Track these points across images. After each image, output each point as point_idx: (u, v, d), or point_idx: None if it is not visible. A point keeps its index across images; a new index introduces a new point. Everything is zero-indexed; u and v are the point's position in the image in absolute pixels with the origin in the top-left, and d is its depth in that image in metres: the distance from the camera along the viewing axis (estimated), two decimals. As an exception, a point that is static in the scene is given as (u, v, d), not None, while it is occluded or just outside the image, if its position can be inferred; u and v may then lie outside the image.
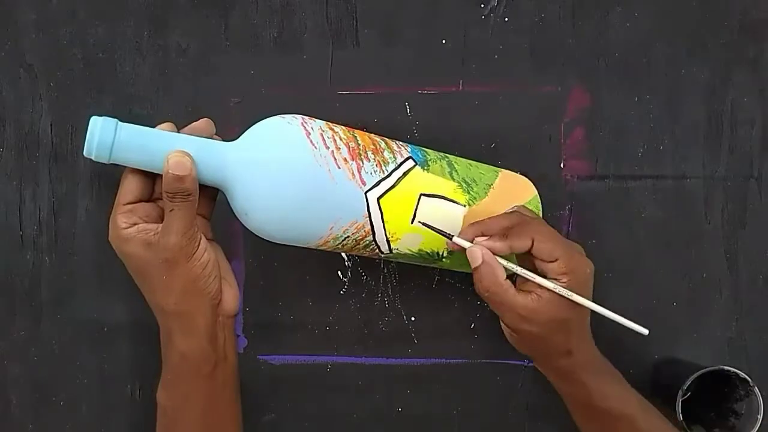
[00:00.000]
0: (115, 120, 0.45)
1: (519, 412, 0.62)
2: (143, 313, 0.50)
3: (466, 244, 0.50)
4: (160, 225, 0.46)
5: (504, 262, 0.49)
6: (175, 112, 0.61)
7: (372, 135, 0.52)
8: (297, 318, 0.61)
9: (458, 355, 0.62)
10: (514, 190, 0.57)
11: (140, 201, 0.47)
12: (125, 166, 0.47)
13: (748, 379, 0.53)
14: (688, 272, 0.61)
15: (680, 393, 0.53)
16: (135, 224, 0.46)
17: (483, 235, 0.50)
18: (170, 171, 0.44)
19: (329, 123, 0.51)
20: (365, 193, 0.49)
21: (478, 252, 0.49)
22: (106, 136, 0.44)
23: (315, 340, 0.61)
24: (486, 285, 0.49)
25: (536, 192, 0.58)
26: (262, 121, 0.49)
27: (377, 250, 0.52)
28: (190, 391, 0.50)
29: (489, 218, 0.51)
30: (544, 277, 0.49)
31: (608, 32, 0.61)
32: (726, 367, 0.54)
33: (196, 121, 0.49)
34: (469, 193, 0.54)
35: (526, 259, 0.50)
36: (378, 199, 0.50)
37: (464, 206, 0.53)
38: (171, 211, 0.45)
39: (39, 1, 0.61)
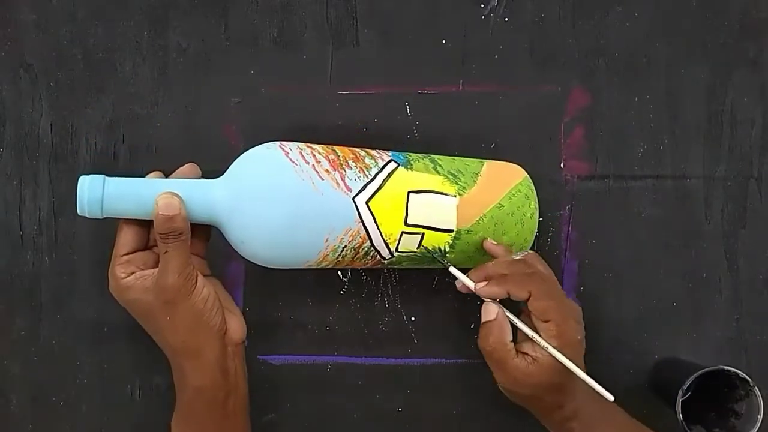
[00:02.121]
0: (102, 176, 0.47)
1: (519, 412, 0.62)
2: (143, 313, 0.50)
3: (471, 284, 0.51)
4: (156, 270, 0.48)
5: (516, 320, 0.51)
6: (175, 112, 0.61)
7: (351, 147, 0.53)
8: (297, 318, 0.61)
9: (458, 355, 0.62)
10: (502, 175, 0.57)
11: (136, 251, 0.49)
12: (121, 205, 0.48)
13: (749, 379, 0.53)
14: (688, 272, 0.61)
15: (680, 393, 0.53)
16: (132, 273, 0.48)
17: (485, 279, 0.51)
18: (160, 212, 0.46)
19: (307, 143, 0.52)
20: (353, 199, 0.50)
21: (494, 309, 0.51)
22: (95, 193, 0.46)
23: (315, 340, 0.61)
24: (492, 343, 0.50)
25: (526, 174, 0.57)
26: (242, 155, 0.51)
27: (379, 257, 0.53)
28: (204, 420, 0.51)
29: (494, 263, 0.52)
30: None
31: (608, 32, 0.61)
32: (726, 367, 0.54)
33: (181, 166, 0.51)
34: (457, 183, 0.54)
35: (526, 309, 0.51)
36: (367, 203, 0.50)
37: (455, 196, 0.53)
38: (165, 252, 0.47)
39: (39, 1, 0.61)
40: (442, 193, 0.53)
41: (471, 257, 0.55)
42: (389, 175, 0.52)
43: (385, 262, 0.53)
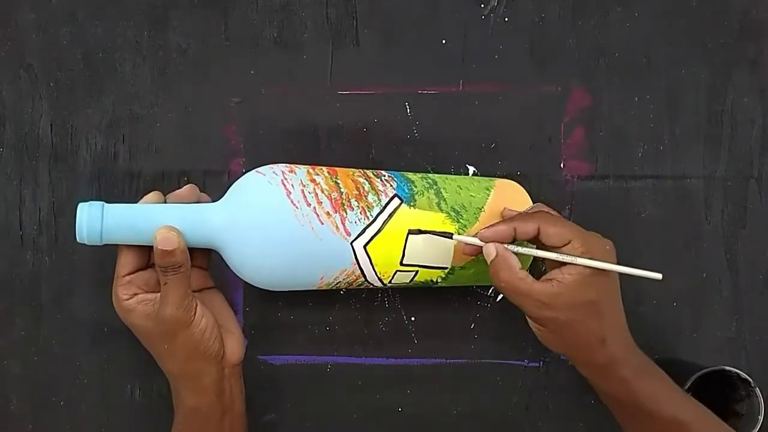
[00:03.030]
0: (101, 204, 0.47)
1: (519, 412, 0.62)
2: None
3: (472, 240, 0.50)
4: (158, 294, 0.49)
5: (520, 249, 0.49)
6: (175, 112, 0.61)
7: (356, 175, 0.52)
8: (297, 318, 0.61)
9: (458, 355, 0.62)
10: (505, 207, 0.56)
11: (138, 270, 0.49)
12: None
13: (749, 379, 0.53)
14: (688, 272, 0.61)
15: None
16: (135, 294, 0.49)
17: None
18: (158, 246, 0.46)
19: (310, 171, 0.51)
20: (351, 243, 0.50)
21: (491, 247, 0.49)
22: (94, 221, 0.46)
23: (315, 340, 0.61)
24: (502, 276, 0.48)
25: (530, 202, 0.57)
26: (244, 176, 0.50)
27: (372, 285, 0.53)
28: None
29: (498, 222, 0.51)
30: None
31: (608, 32, 0.61)
32: (727, 368, 0.54)
33: (180, 189, 0.51)
34: (458, 221, 0.53)
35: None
36: (365, 247, 0.50)
37: (453, 236, 0.52)
38: (165, 284, 0.47)
39: (39, 1, 0.61)
40: (441, 234, 0.52)
41: (463, 283, 0.56)
42: (390, 215, 0.51)
43: (376, 287, 0.54)
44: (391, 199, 0.52)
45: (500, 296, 0.62)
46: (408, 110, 0.61)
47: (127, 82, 0.61)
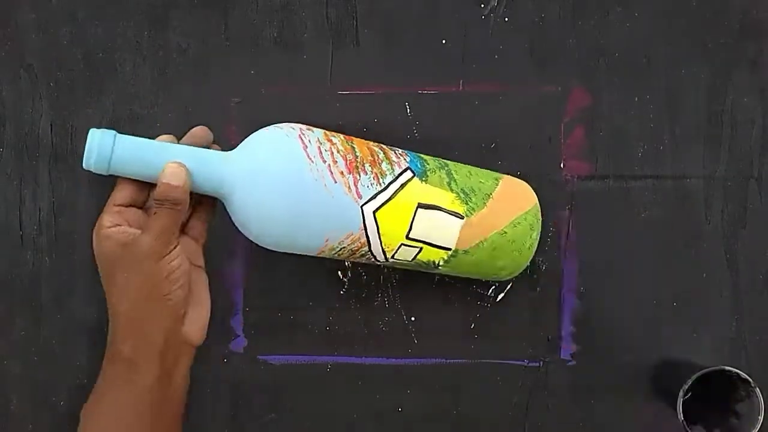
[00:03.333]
0: (114, 132, 0.46)
1: (519, 412, 0.62)
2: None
3: None
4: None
5: None
6: (175, 112, 0.61)
7: (371, 144, 0.52)
8: (297, 318, 0.61)
9: (458, 355, 0.62)
10: (513, 200, 0.56)
11: (131, 206, 0.48)
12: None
13: (750, 379, 0.53)
14: (688, 272, 0.61)
15: (681, 393, 0.53)
16: (119, 225, 0.46)
17: None
18: (164, 180, 0.45)
19: (327, 132, 0.51)
20: (361, 206, 0.49)
21: None
22: (105, 149, 0.45)
23: (315, 340, 0.61)
24: None
25: (536, 200, 0.57)
26: (260, 130, 0.49)
27: (373, 259, 0.53)
28: (119, 397, 0.47)
29: None
30: None
31: (608, 32, 0.61)
32: (727, 368, 0.54)
33: (194, 127, 0.50)
34: (467, 203, 0.53)
35: None
36: (374, 213, 0.50)
37: (462, 218, 0.53)
38: (154, 214, 0.46)
39: (39, 1, 0.61)
40: (450, 212, 0.52)
41: (463, 272, 0.56)
42: (402, 186, 0.51)
43: (379, 263, 0.53)
44: (404, 170, 0.52)
45: (500, 296, 0.62)
46: (408, 110, 0.61)
47: (127, 82, 0.61)
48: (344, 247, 0.51)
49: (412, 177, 0.52)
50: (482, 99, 0.61)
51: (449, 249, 0.53)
